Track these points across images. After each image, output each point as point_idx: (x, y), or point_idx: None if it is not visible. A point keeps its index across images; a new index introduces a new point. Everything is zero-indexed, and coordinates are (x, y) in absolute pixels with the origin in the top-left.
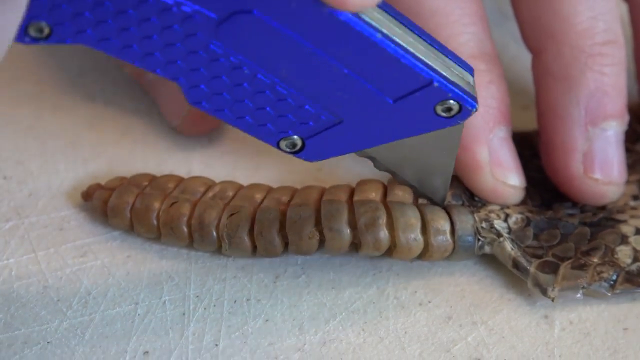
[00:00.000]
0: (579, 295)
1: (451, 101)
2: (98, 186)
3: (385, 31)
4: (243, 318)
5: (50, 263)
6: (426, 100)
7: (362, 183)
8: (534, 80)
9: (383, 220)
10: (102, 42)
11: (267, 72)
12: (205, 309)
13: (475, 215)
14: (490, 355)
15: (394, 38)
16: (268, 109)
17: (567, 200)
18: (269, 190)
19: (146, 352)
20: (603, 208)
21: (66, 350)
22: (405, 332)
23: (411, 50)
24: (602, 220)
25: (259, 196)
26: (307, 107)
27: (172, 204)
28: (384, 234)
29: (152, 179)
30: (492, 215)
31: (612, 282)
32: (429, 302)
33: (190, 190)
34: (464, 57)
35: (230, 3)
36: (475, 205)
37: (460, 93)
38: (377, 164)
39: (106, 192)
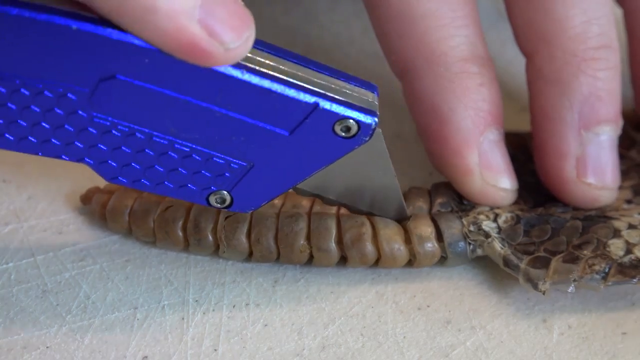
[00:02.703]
0: (571, 289)
1: (350, 120)
2: (97, 189)
3: (253, 67)
4: (242, 322)
5: (50, 267)
6: (320, 125)
7: None
8: (528, 84)
9: (369, 235)
10: None
11: (159, 133)
12: (204, 313)
13: (463, 219)
14: None
15: (266, 71)
16: (180, 169)
17: (560, 203)
18: None
19: (145, 357)
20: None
21: (65, 355)
22: (404, 337)
23: (288, 79)
24: (594, 217)
25: None
26: (215, 159)
27: (167, 207)
28: (369, 248)
29: None
30: (481, 216)
31: (604, 275)
32: (428, 306)
33: None
34: (455, 60)
35: (93, 72)
36: (463, 209)
37: (353, 110)
38: (326, 200)
39: (105, 196)
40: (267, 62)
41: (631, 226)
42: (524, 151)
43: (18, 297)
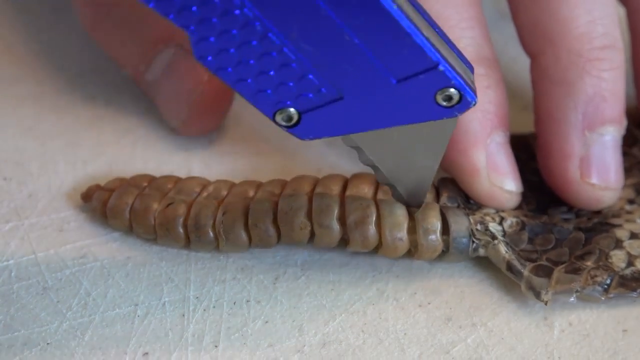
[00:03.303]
0: (572, 299)
1: (452, 90)
2: (97, 187)
3: (401, 4)
4: (243, 319)
5: (50, 264)
6: (428, 85)
7: (357, 177)
8: (532, 84)
9: (373, 218)
10: None
11: (278, 31)
12: (204, 310)
13: (470, 217)
14: (489, 357)
15: (410, 14)
16: (272, 72)
17: (563, 203)
18: (261, 184)
19: (146, 354)
20: (598, 212)
21: (66, 351)
22: (405, 334)
23: (422, 30)
24: (596, 225)
25: (251, 192)
26: (310, 76)
27: (168, 205)
28: (372, 232)
29: (151, 179)
30: (487, 218)
31: (606, 287)
32: (429, 303)
33: (186, 191)
34: None
35: None
36: (470, 207)
37: (462, 82)
38: (362, 157)
39: (105, 193)
40: (410, 10)
41: (633, 235)
42: (526, 150)
43: (19, 294)
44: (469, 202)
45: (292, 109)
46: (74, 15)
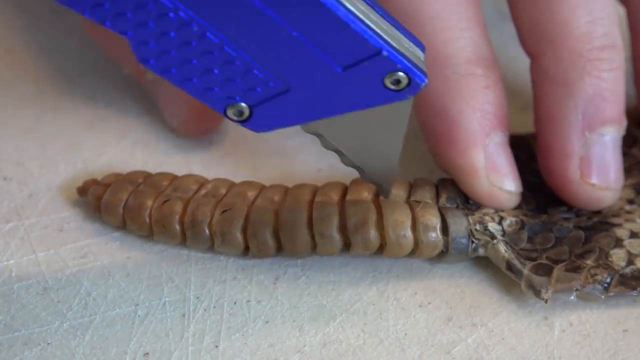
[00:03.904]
0: (572, 298)
1: (400, 73)
2: (94, 182)
3: None
4: (243, 319)
5: (51, 264)
6: (374, 71)
7: (356, 182)
8: (532, 85)
9: (373, 221)
10: None
11: (216, 31)
12: (205, 310)
13: (469, 217)
14: (490, 357)
15: (346, 4)
16: (216, 71)
17: (563, 203)
18: (262, 188)
19: (146, 354)
20: (598, 212)
21: (66, 351)
22: (405, 334)
23: (362, 17)
24: (596, 224)
25: (251, 194)
26: (255, 71)
27: (165, 202)
28: (373, 234)
29: (147, 176)
30: (487, 217)
31: (606, 285)
32: (429, 303)
33: (183, 188)
34: (461, 62)
35: None
36: (469, 208)
37: (409, 65)
38: (324, 142)
39: (101, 188)
40: None
41: (633, 234)
42: (526, 150)
43: (19, 294)
44: (468, 203)
45: (242, 104)
46: (74, 15)
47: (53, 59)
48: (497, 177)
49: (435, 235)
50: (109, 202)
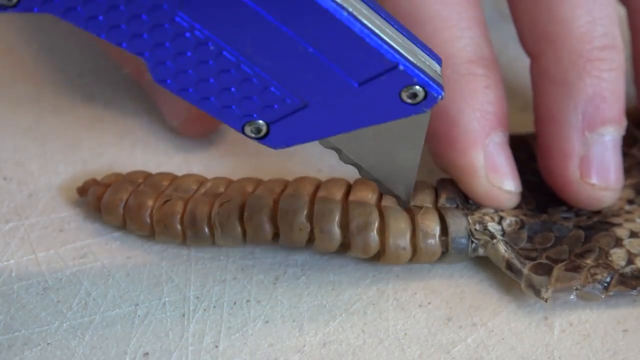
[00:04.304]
0: (572, 297)
1: (417, 87)
2: (94, 182)
3: (352, 10)
4: (243, 319)
5: (51, 264)
6: (391, 85)
7: (360, 182)
8: (532, 85)
9: (375, 225)
10: (69, 12)
11: (232, 50)
12: (205, 310)
13: (469, 217)
14: (490, 357)
15: (361, 19)
16: (233, 89)
17: (563, 204)
18: (261, 182)
19: (146, 354)
20: (598, 212)
21: (66, 351)
22: (405, 334)
23: (378, 32)
24: (596, 223)
25: (250, 188)
26: (272, 88)
27: (165, 201)
28: (374, 239)
29: (147, 176)
30: (486, 217)
31: (605, 284)
32: (429, 303)
33: (184, 188)
34: (461, 62)
35: None
36: (469, 207)
37: (426, 79)
38: (343, 157)
39: (101, 188)
40: (363, 11)
41: (633, 234)
42: (526, 150)
43: (19, 294)
44: (468, 203)
45: (260, 121)
46: None
47: (53, 59)
48: (496, 177)
49: (434, 242)
50: (109, 202)
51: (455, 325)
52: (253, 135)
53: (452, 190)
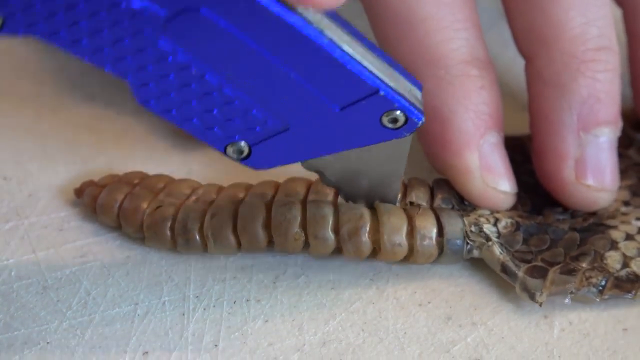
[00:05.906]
0: (567, 301)
1: (397, 112)
2: (91, 183)
3: (332, 37)
4: (242, 319)
5: (50, 263)
6: (372, 110)
7: None
8: (527, 86)
9: (366, 229)
10: (53, 35)
11: (215, 73)
12: (204, 309)
13: (464, 219)
14: (489, 356)
15: (342, 45)
16: (215, 111)
17: (558, 205)
18: (250, 186)
19: (146, 353)
20: (594, 213)
21: (66, 350)
22: (405, 333)
23: (359, 58)
24: (592, 225)
25: (241, 194)
26: (254, 111)
27: (157, 207)
28: (365, 242)
29: (143, 177)
30: (482, 219)
31: (600, 288)
32: (429, 302)
33: (176, 193)
34: (455, 63)
35: (178, 1)
36: (464, 209)
37: (407, 104)
38: (326, 180)
39: (97, 189)
40: (344, 37)
41: (628, 237)
42: (521, 152)
43: (19, 293)
44: (464, 204)
45: (242, 143)
46: None
47: (53, 59)
48: (491, 178)
49: (431, 243)
50: (105, 203)
51: (455, 324)
52: (235, 156)
53: (448, 190)
